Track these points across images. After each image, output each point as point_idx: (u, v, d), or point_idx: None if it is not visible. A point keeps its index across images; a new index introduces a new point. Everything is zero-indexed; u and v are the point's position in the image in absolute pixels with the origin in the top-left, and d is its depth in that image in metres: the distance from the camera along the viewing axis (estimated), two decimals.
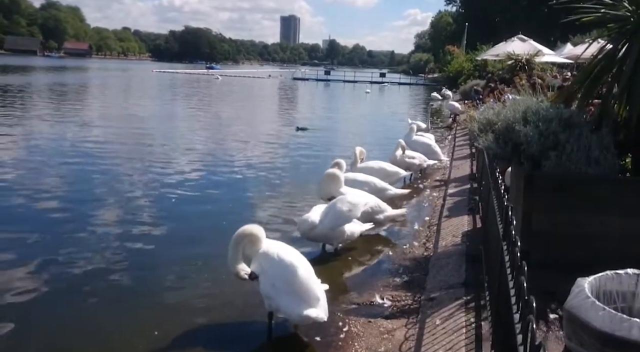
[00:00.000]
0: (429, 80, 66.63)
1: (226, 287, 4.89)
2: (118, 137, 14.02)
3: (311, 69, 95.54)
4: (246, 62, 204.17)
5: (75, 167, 10.07)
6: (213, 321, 4.31)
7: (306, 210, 6.04)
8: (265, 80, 62.00)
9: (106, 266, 5.35)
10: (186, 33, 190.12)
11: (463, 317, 3.70)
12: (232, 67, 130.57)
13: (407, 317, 4.16)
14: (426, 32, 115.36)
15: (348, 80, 63.81)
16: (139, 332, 4.07)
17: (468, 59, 37.20)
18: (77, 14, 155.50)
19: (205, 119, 19.92)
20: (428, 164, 10.13)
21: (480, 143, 4.97)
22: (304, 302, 3.77)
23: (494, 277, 3.12)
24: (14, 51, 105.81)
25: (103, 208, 7.43)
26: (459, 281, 4.42)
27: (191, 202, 7.97)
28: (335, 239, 5.77)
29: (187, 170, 10.18)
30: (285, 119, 22.27)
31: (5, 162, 10.05)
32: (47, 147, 11.95)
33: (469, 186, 8.20)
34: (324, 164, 8.95)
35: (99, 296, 4.70)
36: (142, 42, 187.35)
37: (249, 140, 14.36)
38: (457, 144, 13.68)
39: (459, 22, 65.95)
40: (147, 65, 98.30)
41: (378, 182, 7.49)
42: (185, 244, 6.15)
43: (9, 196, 7.81)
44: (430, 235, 6.34)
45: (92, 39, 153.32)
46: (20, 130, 14.45)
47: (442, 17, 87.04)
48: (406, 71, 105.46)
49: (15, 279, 4.94)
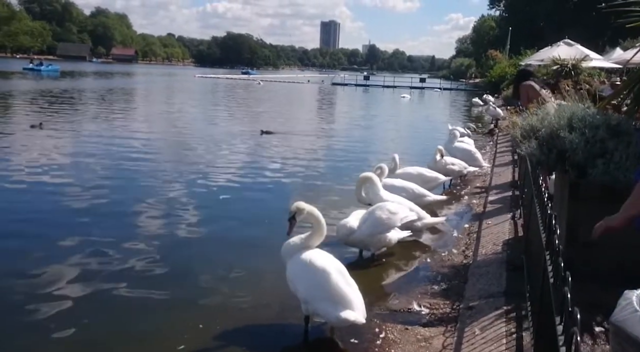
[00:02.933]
0: (470, 86, 65.58)
1: (263, 289, 4.95)
2: (164, 141, 14.42)
3: (350, 74, 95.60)
4: (286, 67, 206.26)
5: (123, 165, 10.45)
6: (249, 323, 4.34)
7: (345, 215, 6.05)
8: (304, 85, 62.47)
9: (146, 265, 5.48)
10: (228, 39, 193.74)
11: (503, 327, 3.62)
12: (272, 72, 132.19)
13: (445, 325, 4.11)
14: (468, 36, 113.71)
15: (387, 86, 63.55)
16: (175, 332, 4.13)
17: (511, 64, 36.43)
18: (125, 21, 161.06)
19: (247, 120, 20.22)
20: (468, 171, 9.95)
21: (523, 150, 4.86)
22: (341, 305, 3.77)
23: (537, 287, 3.05)
24: (65, 57, 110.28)
25: (145, 207, 7.62)
26: (499, 290, 4.32)
27: (232, 205, 8.10)
28: (372, 245, 5.75)
29: (230, 173, 10.37)
30: (324, 121, 22.38)
31: (57, 161, 10.50)
32: (98, 146, 12.44)
33: (510, 194, 8.02)
34: (363, 169, 8.93)
35: (136, 295, 4.80)
36: (185, 47, 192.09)
37: (289, 143, 14.48)
38: (499, 150, 13.41)
39: (502, 26, 64.68)
40: (190, 71, 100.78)
41: (416, 188, 7.42)
42: (224, 246, 6.25)
43: (56, 193, 8.14)
44: (470, 242, 6.23)
45: (138, 45, 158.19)
46: (75, 129, 15.13)
47: (485, 22, 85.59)
48: (446, 76, 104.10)
49: (58, 275, 5.11)
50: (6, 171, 9.56)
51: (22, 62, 66.00)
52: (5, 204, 7.63)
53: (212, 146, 13.77)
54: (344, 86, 64.01)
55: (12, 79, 43.38)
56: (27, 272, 5.17)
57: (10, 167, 9.92)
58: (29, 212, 7.25)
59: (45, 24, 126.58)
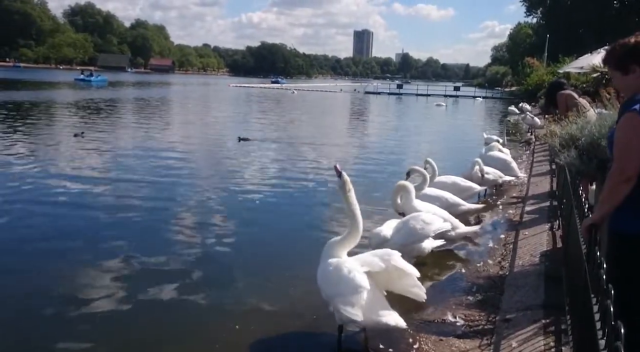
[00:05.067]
0: (506, 94, 64.50)
1: (296, 298, 4.96)
2: (198, 147, 14.70)
3: (383, 83, 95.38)
4: (319, 76, 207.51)
5: (160, 171, 10.72)
6: (282, 332, 4.35)
7: (379, 224, 6.03)
8: (338, 94, 62.68)
9: (179, 272, 5.57)
10: (262, 48, 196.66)
11: (542, 341, 3.53)
12: (305, 81, 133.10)
13: (481, 337, 4.03)
14: (504, 44, 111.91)
15: (421, 94, 63.12)
16: (207, 339, 4.17)
17: (549, 72, 35.67)
18: (163, 32, 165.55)
19: (281, 129, 20.41)
20: (504, 180, 9.77)
21: (562, 159, 4.76)
22: (377, 312, 3.74)
23: (577, 300, 2.97)
24: (105, 68, 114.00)
25: (179, 214, 7.80)
26: (537, 303, 4.22)
27: (267, 214, 8.17)
28: (405, 255, 5.67)
29: (264, 182, 10.49)
30: (358, 130, 22.39)
31: (96, 167, 10.85)
32: (137, 154, 12.78)
33: (548, 204, 7.83)
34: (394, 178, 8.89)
35: (168, 300, 4.89)
36: (220, 57, 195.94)
37: (322, 153, 14.54)
38: (536, 159, 13.12)
39: (539, 33, 63.50)
40: (225, 80, 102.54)
41: (450, 197, 7.33)
42: (258, 255, 6.30)
43: (92, 199, 8.40)
44: (506, 253, 6.10)
45: (175, 55, 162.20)
46: (111, 138, 15.58)
47: (522, 29, 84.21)
48: (481, 84, 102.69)
49: (97, 279, 5.28)
50: (52, 178, 9.93)
51: (68, 73, 69.13)
52: (49, 210, 7.89)
53: (247, 156, 13.95)
54: (377, 95, 63.91)
55: (66, 89, 45.68)
56: (67, 276, 5.36)
57: (54, 174, 10.30)
58: (73, 218, 7.54)
59: (87, 36, 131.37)
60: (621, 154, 2.61)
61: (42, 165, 11.12)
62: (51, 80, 57.62)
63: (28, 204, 8.05)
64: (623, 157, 2.59)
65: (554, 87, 8.00)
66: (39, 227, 6.99)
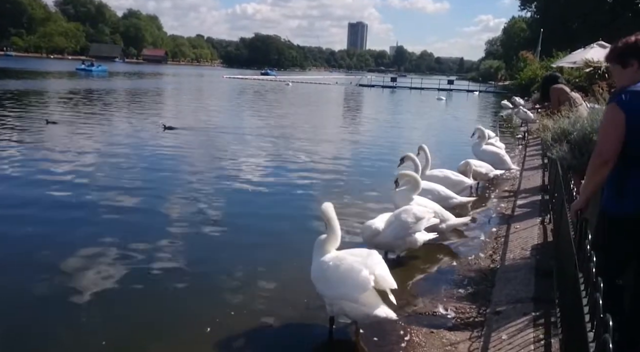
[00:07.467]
0: (499, 88, 64.61)
1: (288, 290, 4.97)
2: (195, 139, 14.64)
3: (377, 76, 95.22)
4: (313, 68, 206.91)
5: (155, 165, 10.65)
6: (274, 324, 4.35)
7: (371, 216, 6.04)
8: (332, 87, 62.58)
9: (171, 263, 5.55)
10: (256, 40, 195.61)
11: (532, 333, 3.56)
12: (299, 73, 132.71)
13: (472, 330, 4.06)
14: (498, 38, 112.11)
15: (415, 87, 63.12)
16: (200, 331, 4.17)
17: (542, 66, 35.76)
18: (156, 22, 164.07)
19: (276, 121, 20.35)
20: (496, 174, 9.81)
21: (553, 153, 4.78)
22: (367, 304, 3.76)
23: (567, 293, 2.99)
24: (97, 58, 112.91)
25: (171, 205, 7.78)
26: (527, 296, 4.25)
27: (259, 205, 8.16)
28: (397, 248, 5.73)
29: (257, 173, 10.46)
30: (352, 122, 22.37)
31: (89, 159, 10.78)
32: (129, 145, 12.69)
33: (539, 198, 7.87)
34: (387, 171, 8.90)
35: (161, 293, 4.87)
36: (214, 48, 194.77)
37: (317, 144, 14.53)
38: (528, 153, 13.18)
39: (533, 28, 63.54)
40: (218, 72, 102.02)
41: (442, 190, 7.35)
42: (250, 246, 6.28)
43: (86, 192, 8.32)
44: (497, 247, 6.14)
45: (168, 46, 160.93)
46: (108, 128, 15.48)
47: (516, 23, 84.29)
48: (475, 78, 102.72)
49: (85, 268, 5.26)
50: (49, 162, 9.87)
51: (61, 63, 68.61)
52: (45, 197, 7.84)
53: (243, 145, 13.92)
54: (370, 88, 63.84)
55: (68, 78, 45.60)
56: (57, 265, 5.31)
57: (50, 160, 10.24)
58: (71, 205, 7.50)
59: (79, 25, 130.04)
60: (600, 139, 2.98)
61: (24, 151, 11.04)
62: (58, 70, 57.26)
63: (21, 191, 8.03)
64: (601, 143, 2.93)
65: (548, 80, 8.01)
66: (28, 216, 6.97)
